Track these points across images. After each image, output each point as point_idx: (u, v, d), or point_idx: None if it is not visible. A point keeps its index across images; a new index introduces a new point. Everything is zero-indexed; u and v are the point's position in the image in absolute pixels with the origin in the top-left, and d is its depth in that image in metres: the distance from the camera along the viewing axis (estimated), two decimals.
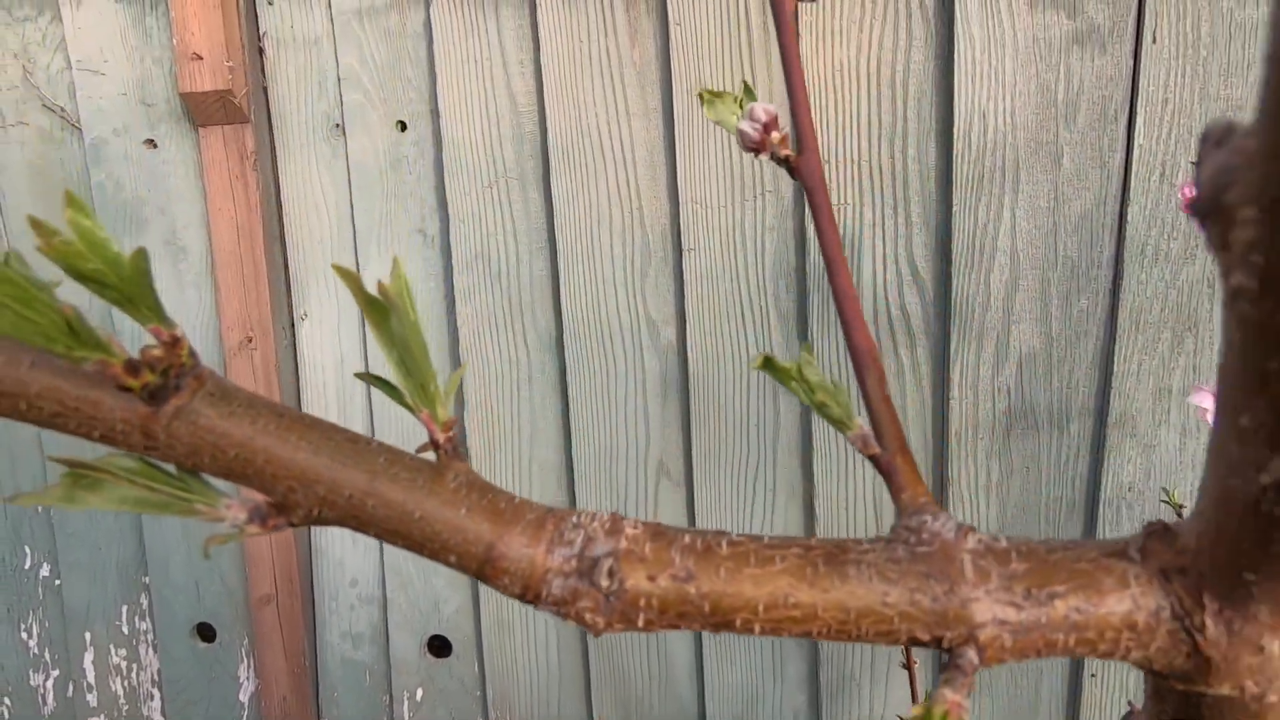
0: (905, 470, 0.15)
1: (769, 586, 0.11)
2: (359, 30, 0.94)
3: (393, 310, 0.13)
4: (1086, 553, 0.12)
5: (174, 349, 0.09)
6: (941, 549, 0.12)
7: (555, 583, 0.11)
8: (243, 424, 0.09)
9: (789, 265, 0.86)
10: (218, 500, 0.11)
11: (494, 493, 0.12)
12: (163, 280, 1.02)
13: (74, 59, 0.97)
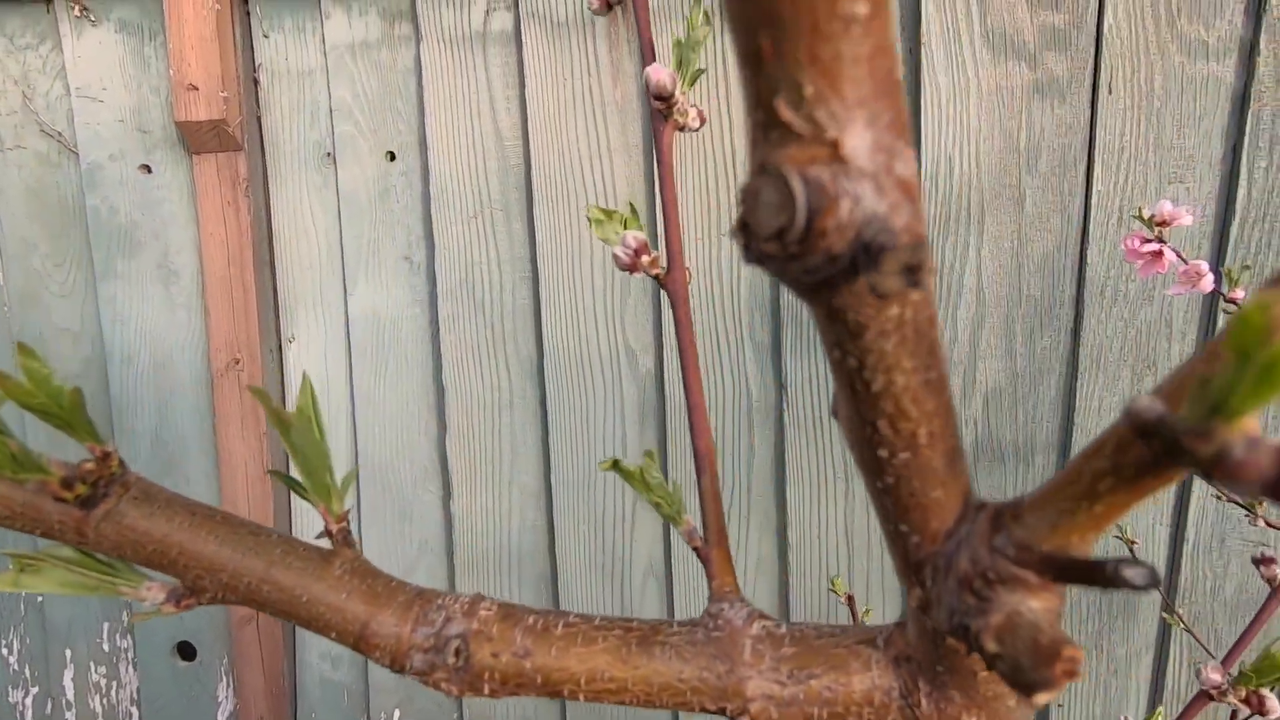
0: (719, 562, 0.18)
1: (590, 663, 0.13)
2: (351, 64, 0.97)
3: (294, 428, 0.15)
4: (845, 639, 0.14)
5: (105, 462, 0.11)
6: (730, 634, 0.14)
7: (416, 657, 0.13)
8: (160, 523, 0.11)
9: (764, 297, 0.88)
10: (140, 583, 0.13)
11: (374, 577, 0.14)
12: (154, 303, 1.04)
13: (73, 86, 1.00)
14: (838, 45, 0.06)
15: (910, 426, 0.08)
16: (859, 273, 0.07)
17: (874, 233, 0.07)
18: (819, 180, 0.06)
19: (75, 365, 1.07)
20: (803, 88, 0.07)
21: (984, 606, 0.09)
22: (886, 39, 0.07)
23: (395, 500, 1.04)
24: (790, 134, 0.07)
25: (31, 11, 1.00)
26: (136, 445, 1.07)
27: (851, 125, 0.07)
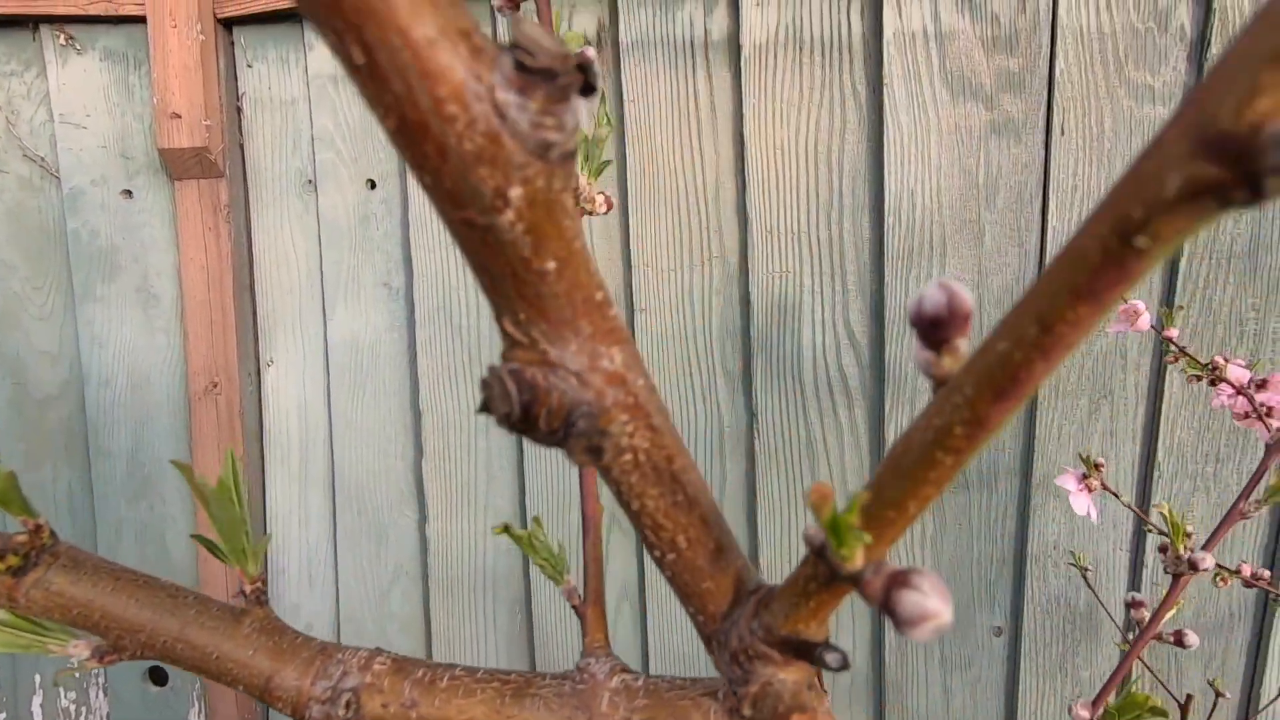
0: (593, 620, 0.19)
1: (468, 713, 0.14)
2: (333, 94, 0.99)
3: (213, 500, 0.16)
4: (691, 691, 0.15)
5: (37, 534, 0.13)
6: (592, 687, 0.15)
7: (314, 708, 0.14)
8: (85, 588, 0.12)
9: (735, 327, 0.90)
10: (68, 641, 0.14)
11: (281, 634, 0.15)
12: (133, 326, 1.05)
13: (57, 113, 1.01)
14: (537, 288, 0.08)
15: (669, 535, 0.10)
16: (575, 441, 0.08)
17: (579, 415, 0.08)
18: (533, 379, 0.08)
19: (53, 387, 1.07)
20: (519, 313, 0.08)
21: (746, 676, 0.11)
22: (581, 277, 0.09)
23: (371, 523, 1.05)
24: (516, 342, 0.08)
25: (17, 39, 1.01)
26: (112, 467, 1.07)
27: (558, 339, 0.08)
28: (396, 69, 0.07)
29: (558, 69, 0.07)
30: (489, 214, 0.08)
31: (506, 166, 0.07)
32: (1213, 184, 0.06)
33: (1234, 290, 0.77)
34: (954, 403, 0.09)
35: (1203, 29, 0.73)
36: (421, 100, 0.07)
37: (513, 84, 0.07)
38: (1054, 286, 0.08)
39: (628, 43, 0.87)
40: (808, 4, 0.82)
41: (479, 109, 0.07)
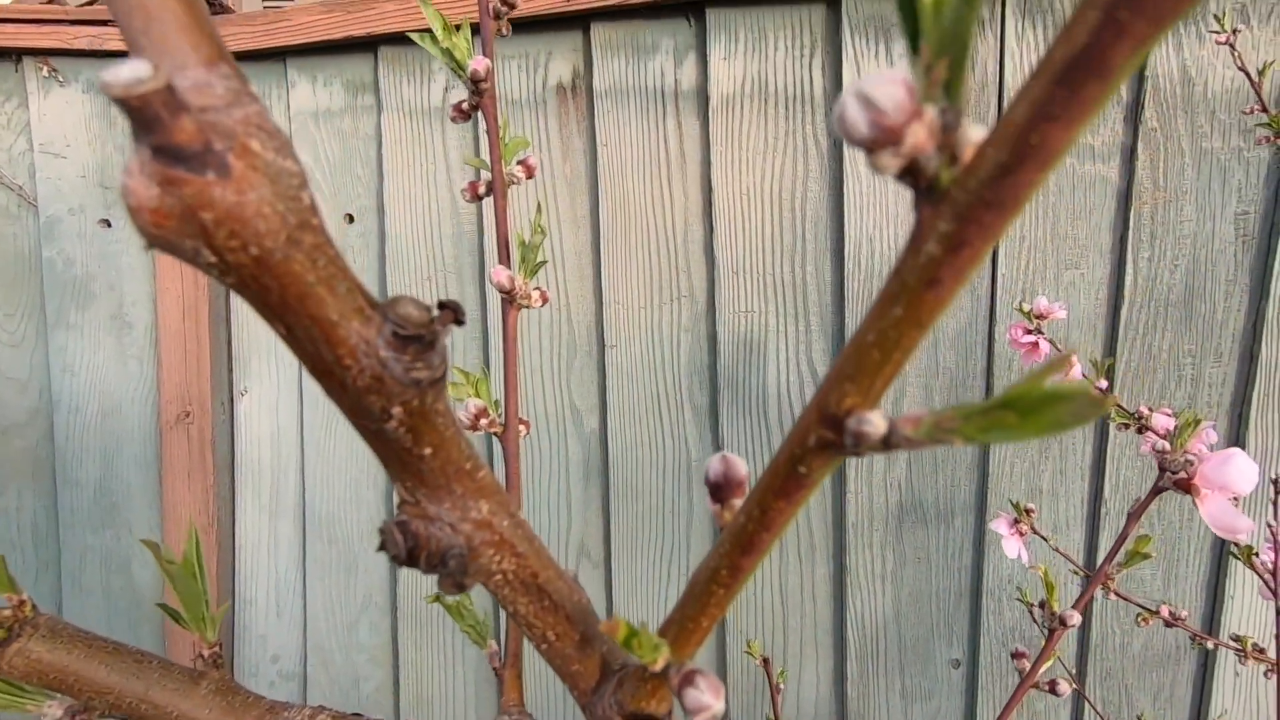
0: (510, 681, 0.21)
1: None
2: (314, 130, 1.01)
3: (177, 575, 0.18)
4: None
5: (20, 608, 0.14)
6: None
7: None
8: (60, 655, 0.14)
9: (702, 364, 0.93)
10: (43, 702, 0.16)
11: (235, 694, 0.17)
12: (105, 352, 1.05)
13: (37, 142, 1.02)
14: (418, 467, 0.10)
15: (540, 631, 0.12)
16: None
17: (451, 556, 0.11)
18: (415, 530, 0.11)
19: (20, 414, 1.07)
20: (406, 483, 0.11)
21: None
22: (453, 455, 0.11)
23: (342, 553, 1.05)
24: (405, 502, 0.11)
25: None
26: (79, 494, 1.07)
27: (435, 500, 0.11)
28: (310, 338, 0.09)
29: (424, 334, 0.10)
30: (378, 422, 0.10)
31: (389, 395, 0.10)
32: (830, 441, 0.10)
33: (1172, 337, 0.82)
34: (720, 552, 0.12)
35: (1137, 94, 0.78)
36: (327, 356, 0.10)
37: (390, 345, 0.10)
38: (764, 485, 0.11)
39: (602, 90, 0.91)
40: (772, 59, 0.86)
41: (367, 361, 0.09)
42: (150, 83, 0.07)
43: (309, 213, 0.09)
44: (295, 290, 0.09)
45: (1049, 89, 0.08)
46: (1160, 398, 0.83)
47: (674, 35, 0.89)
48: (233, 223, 0.09)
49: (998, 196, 0.08)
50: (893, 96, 0.08)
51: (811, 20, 0.85)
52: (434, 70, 0.96)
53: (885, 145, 0.08)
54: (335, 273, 0.10)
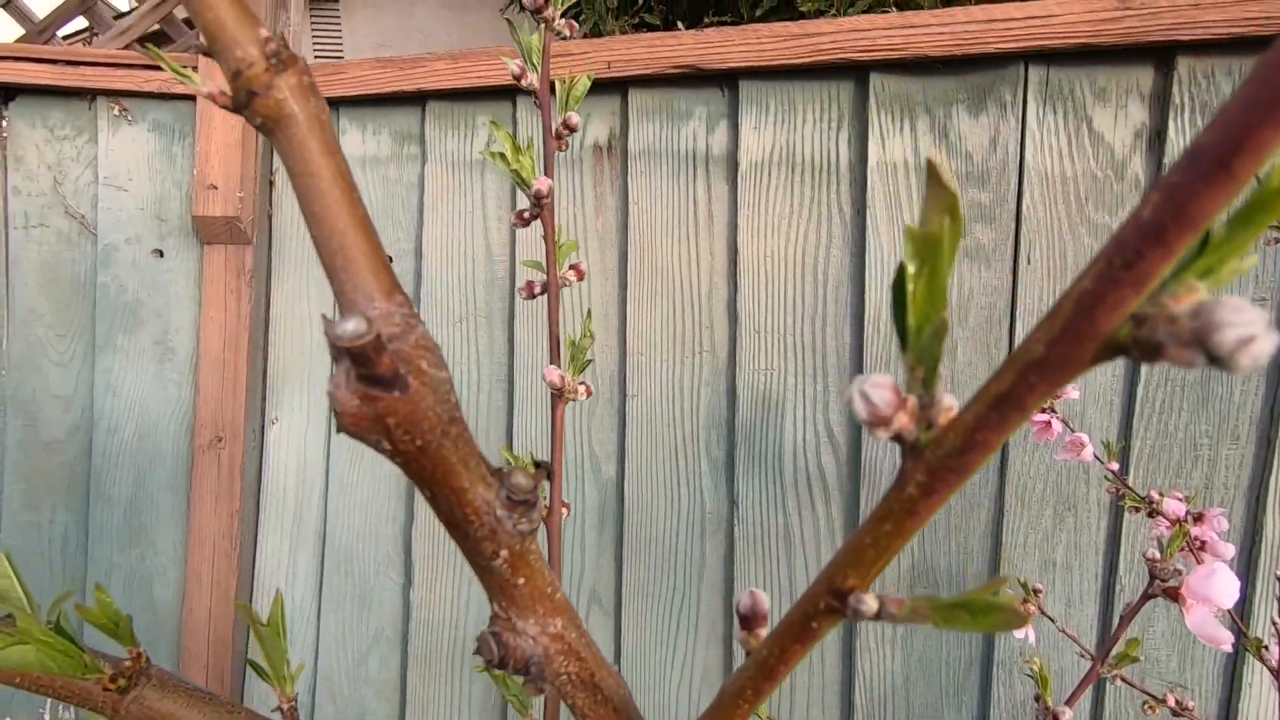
0: None
1: None
2: (361, 175, 1.06)
3: (265, 637, 0.21)
4: None
5: (137, 661, 0.17)
6: None
7: None
8: (168, 704, 0.16)
9: (721, 417, 0.95)
10: None
11: None
12: (147, 376, 1.09)
13: (101, 175, 1.09)
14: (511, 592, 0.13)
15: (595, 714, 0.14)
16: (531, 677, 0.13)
17: (532, 663, 0.13)
18: (505, 640, 0.13)
19: (61, 431, 1.11)
20: (501, 602, 0.13)
21: None
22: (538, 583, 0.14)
23: (356, 585, 1.07)
24: (498, 617, 0.13)
25: (74, 107, 1.09)
26: (110, 511, 1.10)
27: (522, 617, 0.13)
28: (448, 500, 0.12)
29: (530, 500, 0.12)
30: (489, 560, 0.12)
31: (499, 541, 0.12)
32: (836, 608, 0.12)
33: (1188, 417, 0.82)
34: (746, 675, 0.14)
35: (1155, 179, 0.80)
36: (458, 514, 0.12)
37: (505, 506, 0.12)
38: (781, 630, 0.13)
39: (636, 151, 0.95)
40: (800, 130, 0.90)
41: (487, 518, 0.12)
42: (368, 336, 0.10)
43: (455, 409, 0.12)
44: (443, 468, 0.12)
45: (985, 411, 0.11)
46: (1176, 477, 0.84)
47: (708, 103, 0.93)
48: (408, 424, 0.11)
49: (956, 465, 0.11)
50: (884, 397, 0.11)
51: (839, 95, 0.89)
52: (477, 125, 1.01)
53: (879, 425, 0.11)
54: (469, 452, 0.12)
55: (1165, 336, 0.09)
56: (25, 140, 1.09)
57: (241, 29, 0.11)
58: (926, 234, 0.11)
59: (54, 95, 1.08)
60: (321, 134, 0.12)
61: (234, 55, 0.11)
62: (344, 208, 0.12)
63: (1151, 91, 0.80)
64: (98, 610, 0.18)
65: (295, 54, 0.12)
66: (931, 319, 0.11)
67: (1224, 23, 0.73)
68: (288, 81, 0.11)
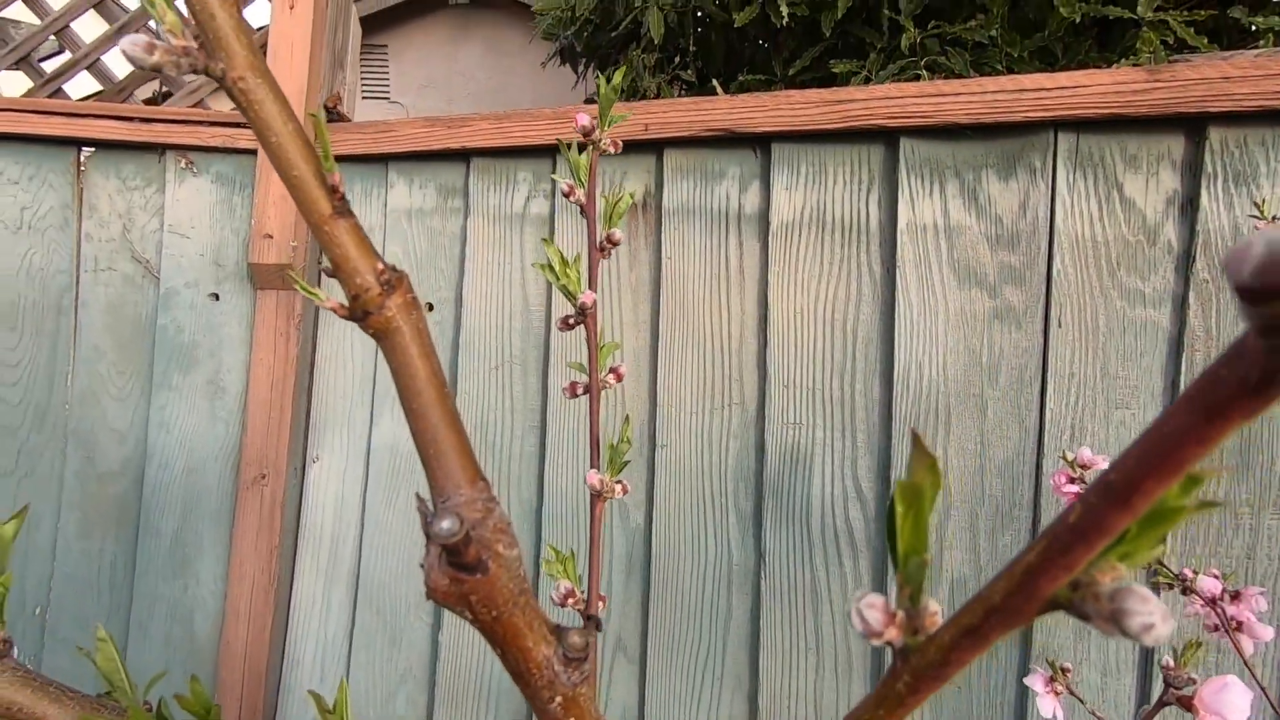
0: None
1: None
2: (406, 226, 1.11)
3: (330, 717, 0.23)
4: None
5: None
6: None
7: None
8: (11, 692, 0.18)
9: (749, 470, 0.96)
10: None
11: None
12: (198, 414, 1.15)
13: (167, 223, 1.16)
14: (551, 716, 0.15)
15: None
16: None
17: None
18: None
19: (116, 464, 1.16)
20: None
21: None
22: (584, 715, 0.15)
23: (387, 624, 1.09)
24: None
25: (144, 159, 1.17)
26: (158, 544, 1.15)
27: None
28: (515, 657, 0.14)
29: (584, 656, 0.14)
30: (546, 704, 0.14)
31: (555, 689, 0.14)
32: None
33: (1227, 485, 0.81)
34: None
35: (1188, 246, 0.80)
36: (523, 668, 0.14)
37: (562, 662, 0.14)
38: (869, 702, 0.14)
39: (670, 208, 0.98)
40: (831, 191, 0.92)
41: (547, 672, 0.14)
42: (458, 535, 0.13)
43: (524, 581, 0.14)
44: (513, 632, 0.14)
45: (958, 637, 0.13)
46: (1218, 545, 0.82)
47: (740, 164, 0.96)
48: (486, 600, 0.14)
49: (936, 674, 0.13)
50: (876, 617, 0.14)
51: (870, 158, 0.91)
52: (518, 181, 1.06)
53: (874, 637, 0.14)
54: (534, 617, 0.14)
55: (1091, 610, 0.11)
56: (99, 190, 1.17)
57: (362, 260, 0.13)
58: (913, 485, 0.13)
59: (128, 149, 1.16)
60: (420, 341, 0.14)
61: (355, 282, 0.14)
62: (437, 405, 0.14)
63: (1183, 159, 0.81)
64: (192, 699, 0.20)
65: (402, 275, 0.14)
66: (918, 552, 0.13)
67: (1255, 95, 0.74)
68: (395, 301, 0.14)
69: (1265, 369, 0.09)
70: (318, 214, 0.14)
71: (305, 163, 0.14)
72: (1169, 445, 0.10)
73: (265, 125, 0.15)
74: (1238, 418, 0.10)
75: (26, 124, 1.14)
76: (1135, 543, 0.12)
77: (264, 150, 0.15)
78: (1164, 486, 0.10)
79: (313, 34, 1.11)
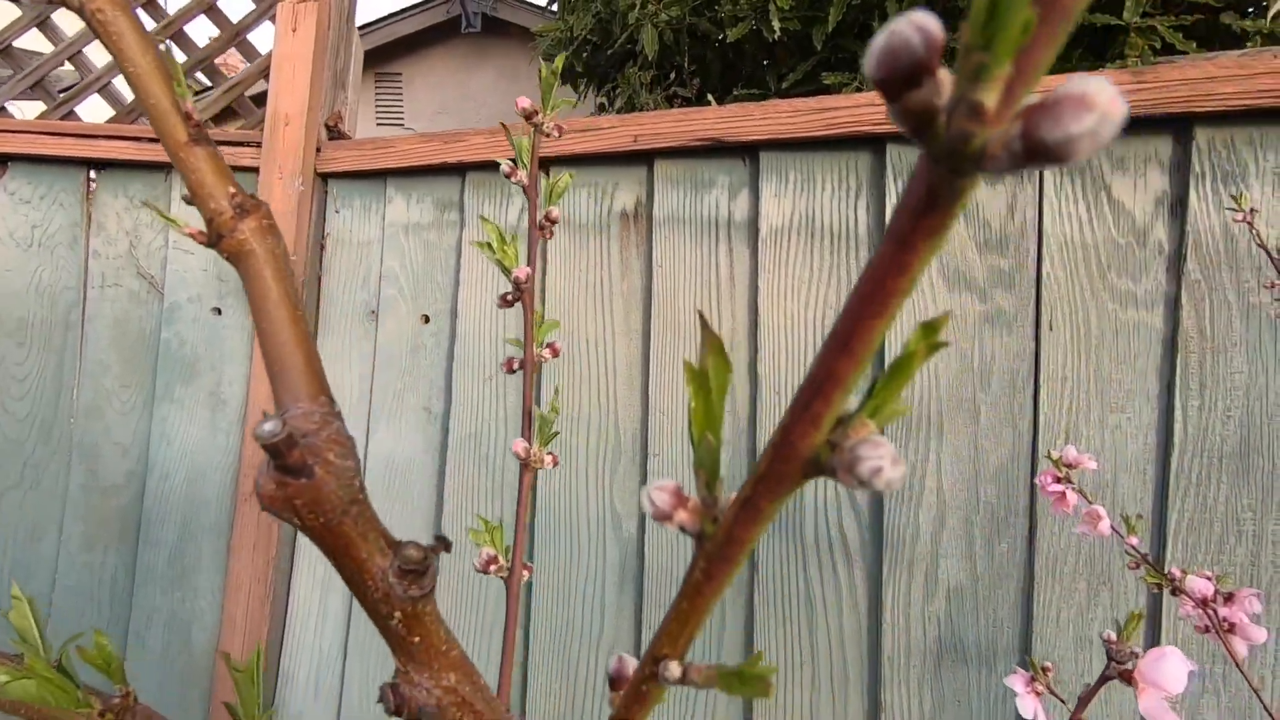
0: None
1: None
2: (403, 240, 1.13)
3: (241, 682, 0.23)
4: None
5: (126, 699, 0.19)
6: None
7: None
8: None
9: (743, 478, 0.95)
10: None
11: None
12: (199, 425, 1.16)
13: (172, 240, 1.18)
14: (409, 650, 0.15)
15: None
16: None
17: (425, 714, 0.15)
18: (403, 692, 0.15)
19: (119, 476, 1.18)
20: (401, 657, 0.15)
21: None
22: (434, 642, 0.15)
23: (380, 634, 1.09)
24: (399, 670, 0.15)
25: (151, 178, 1.20)
26: (157, 555, 1.15)
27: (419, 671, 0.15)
28: (349, 567, 0.14)
29: (419, 569, 0.14)
30: (385, 620, 0.14)
31: (393, 604, 0.14)
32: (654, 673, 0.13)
33: (1228, 490, 0.79)
34: None
35: (1179, 246, 0.80)
36: (357, 579, 0.14)
37: (396, 575, 0.14)
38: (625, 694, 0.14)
39: (660, 218, 0.99)
40: (820, 198, 0.92)
41: (381, 584, 0.14)
42: (280, 435, 0.13)
43: (357, 491, 0.14)
44: (343, 540, 0.14)
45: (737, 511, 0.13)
46: (1219, 552, 0.80)
47: (730, 173, 0.97)
48: (312, 505, 0.14)
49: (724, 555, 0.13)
50: (663, 498, 0.14)
51: (858, 164, 0.91)
52: (512, 194, 1.07)
53: (664, 519, 0.14)
54: (369, 528, 0.14)
55: (837, 464, 0.11)
56: (108, 208, 1.20)
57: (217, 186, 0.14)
58: (700, 369, 0.13)
59: (136, 168, 1.19)
60: (274, 265, 0.15)
61: (210, 206, 0.14)
62: (288, 325, 0.14)
63: (1171, 160, 0.80)
64: (95, 653, 0.20)
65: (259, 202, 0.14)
66: (709, 435, 0.13)
67: (1239, 95, 0.73)
68: (249, 225, 0.14)
69: (929, 184, 0.10)
70: (174, 140, 0.15)
71: (163, 92, 0.15)
72: (875, 282, 0.10)
73: (124, 57, 0.15)
74: (923, 241, 0.10)
75: (39, 145, 1.18)
76: (881, 396, 0.12)
77: (124, 78, 0.16)
78: (877, 325, 0.11)
79: (314, 55, 1.14)
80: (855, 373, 0.11)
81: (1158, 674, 0.28)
